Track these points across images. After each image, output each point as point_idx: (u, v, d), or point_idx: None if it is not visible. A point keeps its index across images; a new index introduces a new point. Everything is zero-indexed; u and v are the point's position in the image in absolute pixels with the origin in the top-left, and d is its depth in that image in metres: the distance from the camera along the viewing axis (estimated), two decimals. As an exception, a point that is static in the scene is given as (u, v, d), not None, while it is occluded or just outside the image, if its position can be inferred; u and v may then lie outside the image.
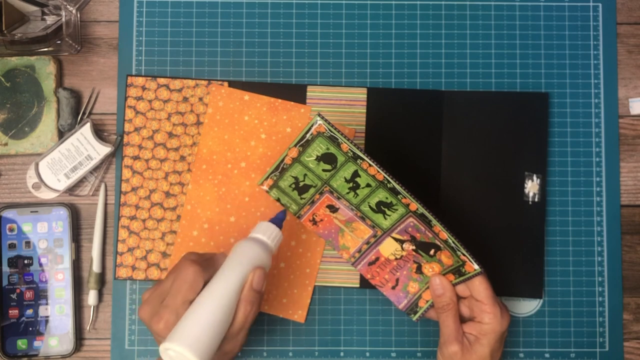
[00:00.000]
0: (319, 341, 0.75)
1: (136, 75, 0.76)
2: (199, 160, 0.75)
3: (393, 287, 0.72)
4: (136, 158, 0.75)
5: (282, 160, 0.69)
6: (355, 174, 0.68)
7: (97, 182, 0.75)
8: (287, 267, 0.74)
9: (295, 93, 0.76)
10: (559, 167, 0.76)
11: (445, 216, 0.69)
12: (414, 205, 0.67)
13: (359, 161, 0.67)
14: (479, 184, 0.75)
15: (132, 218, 0.75)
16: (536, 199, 0.75)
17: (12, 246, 0.74)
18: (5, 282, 0.73)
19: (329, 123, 0.65)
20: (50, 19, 0.74)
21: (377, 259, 0.72)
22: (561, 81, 0.77)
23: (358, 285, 0.75)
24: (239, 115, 0.75)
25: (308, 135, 0.67)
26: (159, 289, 0.61)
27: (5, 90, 0.75)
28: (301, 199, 0.71)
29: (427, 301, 0.70)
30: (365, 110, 0.75)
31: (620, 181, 0.77)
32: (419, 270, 0.70)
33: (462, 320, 0.68)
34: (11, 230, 0.74)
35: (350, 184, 0.69)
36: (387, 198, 0.68)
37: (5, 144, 0.75)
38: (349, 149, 0.66)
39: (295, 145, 0.68)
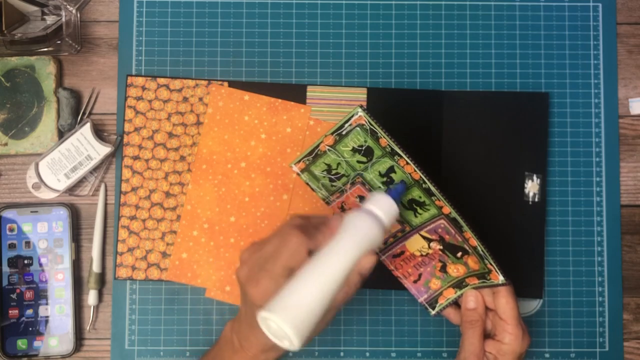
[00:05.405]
0: (319, 341, 0.75)
1: (136, 75, 0.76)
2: (199, 160, 0.75)
3: (415, 281, 0.71)
4: (136, 158, 0.75)
5: (317, 147, 0.67)
6: (391, 170, 0.67)
7: (97, 182, 0.75)
8: (287, 267, 0.74)
9: (295, 93, 0.76)
10: (559, 167, 0.76)
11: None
12: (447, 209, 0.66)
13: (396, 157, 0.65)
14: (478, 184, 0.75)
15: (132, 218, 0.75)
16: (536, 199, 0.75)
17: (12, 246, 0.74)
18: (5, 282, 0.73)
19: (370, 116, 0.63)
20: (50, 19, 0.74)
21: (402, 252, 0.71)
22: (561, 81, 0.77)
23: (358, 285, 0.75)
24: (239, 115, 0.75)
25: (347, 125, 0.65)
26: (261, 251, 0.58)
27: (5, 90, 0.75)
28: (332, 186, 0.70)
29: (446, 298, 0.70)
30: (365, 110, 0.75)
31: (620, 181, 0.77)
32: (443, 269, 0.70)
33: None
34: (11, 230, 0.74)
35: (384, 179, 0.68)
36: (420, 197, 0.67)
37: (5, 144, 0.75)
38: (388, 144, 0.65)
39: (332, 134, 0.66)
